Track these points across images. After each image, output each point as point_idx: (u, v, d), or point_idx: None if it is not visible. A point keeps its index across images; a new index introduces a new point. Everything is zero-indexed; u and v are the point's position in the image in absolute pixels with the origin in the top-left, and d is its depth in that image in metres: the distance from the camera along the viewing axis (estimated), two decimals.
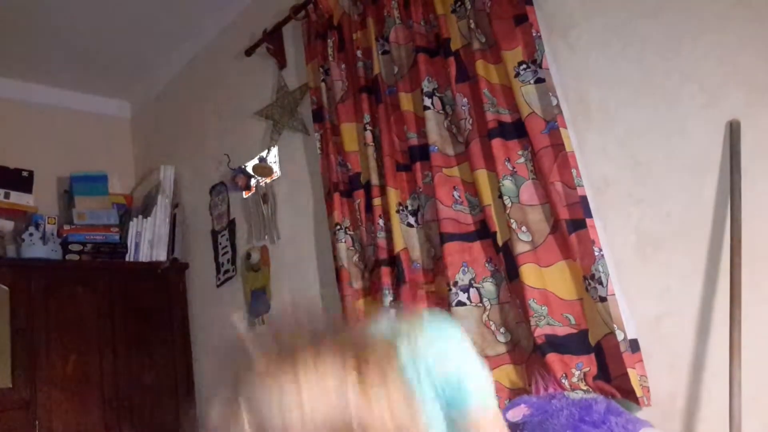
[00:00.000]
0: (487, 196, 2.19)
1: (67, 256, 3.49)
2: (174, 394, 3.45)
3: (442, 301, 2.25)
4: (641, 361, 1.91)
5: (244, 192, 3.35)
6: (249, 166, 3.30)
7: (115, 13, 3.39)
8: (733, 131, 1.80)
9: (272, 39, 3.20)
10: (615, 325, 1.89)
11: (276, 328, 0.85)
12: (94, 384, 3.22)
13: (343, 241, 2.63)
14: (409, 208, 2.45)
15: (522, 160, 2.17)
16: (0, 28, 3.38)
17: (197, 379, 3.54)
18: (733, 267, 1.73)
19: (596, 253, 1.95)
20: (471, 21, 2.29)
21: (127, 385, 3.31)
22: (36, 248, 3.39)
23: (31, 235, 3.40)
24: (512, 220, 2.11)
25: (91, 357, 3.25)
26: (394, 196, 2.45)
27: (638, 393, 1.84)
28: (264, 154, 3.24)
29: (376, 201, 2.52)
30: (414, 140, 2.42)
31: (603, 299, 1.92)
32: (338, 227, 2.64)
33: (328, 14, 2.85)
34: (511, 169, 2.16)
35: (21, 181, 3.59)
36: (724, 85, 1.84)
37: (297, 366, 0.78)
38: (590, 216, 2.00)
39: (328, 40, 2.81)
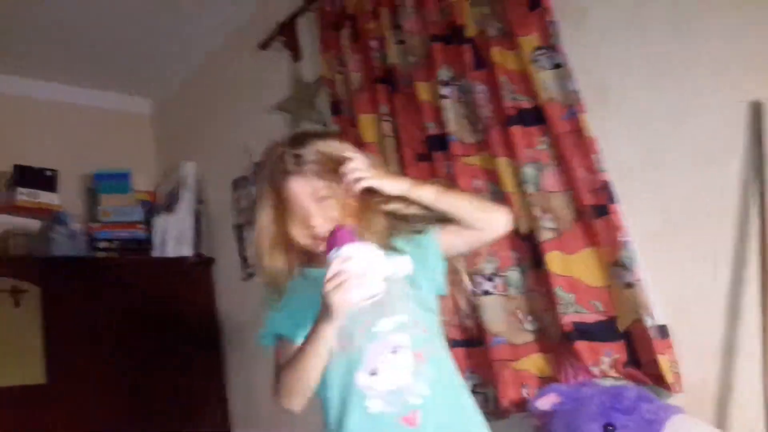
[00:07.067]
0: (509, 184, 2.17)
1: (95, 254, 3.53)
2: (204, 390, 3.48)
3: None
4: (671, 347, 1.88)
5: None
6: None
7: (134, 11, 3.39)
8: (757, 112, 1.77)
9: (286, 31, 3.19)
10: (643, 311, 1.87)
11: None
12: (123, 380, 3.24)
13: None
14: None
15: (543, 146, 2.14)
16: (20, 27, 3.40)
17: (228, 375, 3.56)
18: (764, 249, 1.70)
19: (621, 239, 1.92)
20: (485, 7, 2.26)
21: (157, 379, 3.32)
22: (64, 246, 3.42)
23: (58, 234, 3.44)
24: (535, 208, 2.09)
25: (121, 353, 3.27)
26: None
27: (669, 379, 1.82)
28: None
29: None
30: (432, 130, 2.40)
31: (630, 285, 1.90)
32: None
33: (342, 4, 2.83)
34: (531, 156, 2.14)
35: (45, 180, 3.61)
36: (746, 66, 1.80)
37: None
38: (614, 201, 1.97)
39: (343, 31, 2.79)
